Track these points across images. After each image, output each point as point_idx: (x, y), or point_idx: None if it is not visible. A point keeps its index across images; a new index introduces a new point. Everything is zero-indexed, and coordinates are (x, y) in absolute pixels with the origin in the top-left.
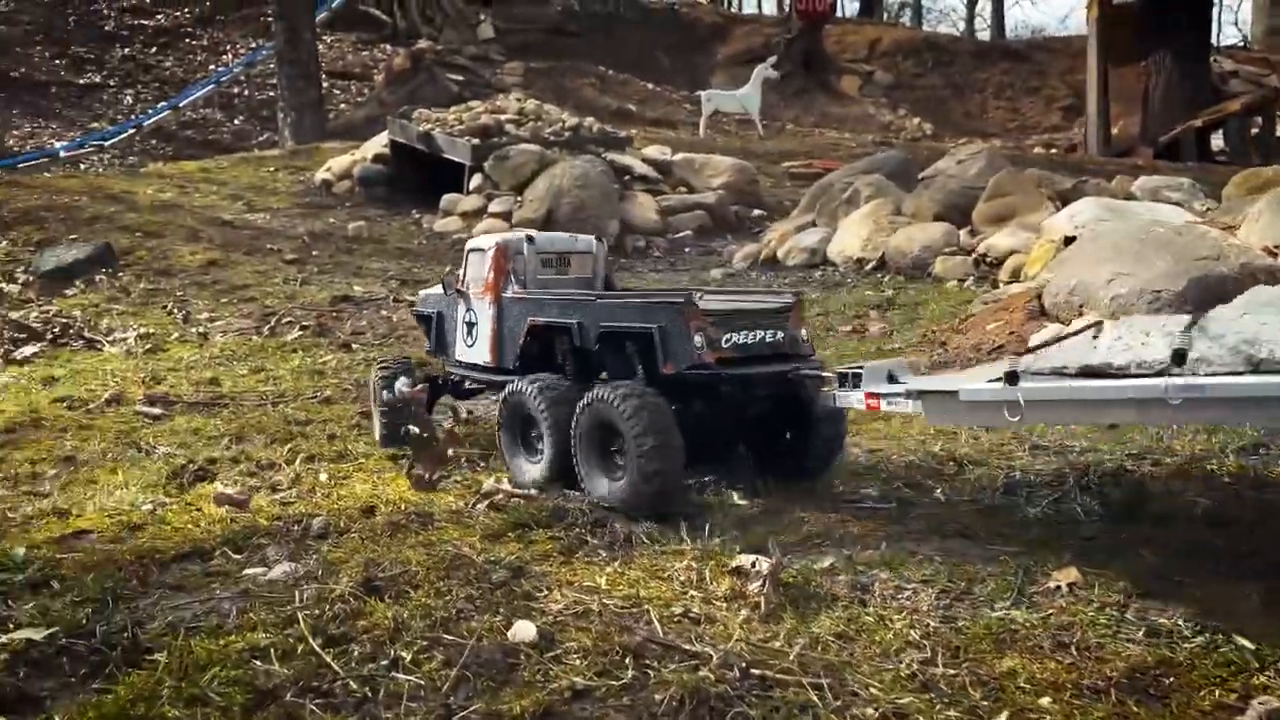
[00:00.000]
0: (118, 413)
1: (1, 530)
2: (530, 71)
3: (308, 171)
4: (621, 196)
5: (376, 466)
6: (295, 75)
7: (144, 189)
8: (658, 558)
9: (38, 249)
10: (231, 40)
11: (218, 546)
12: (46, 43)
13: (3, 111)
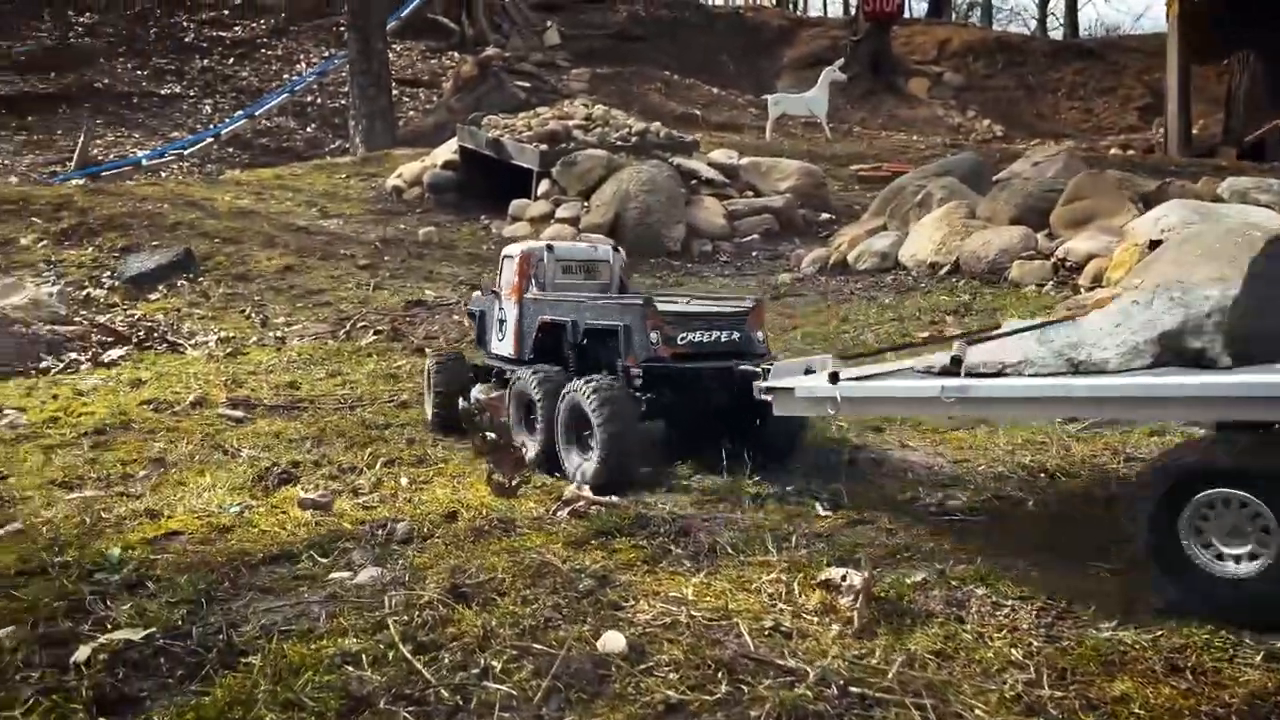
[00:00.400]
0: (202, 415)
1: (96, 530)
2: (596, 77)
3: (379, 178)
4: (688, 201)
5: (456, 471)
6: (367, 84)
7: (223, 196)
8: (743, 569)
9: (122, 255)
10: (305, 50)
11: (304, 550)
12: (129, 54)
13: (88, 121)
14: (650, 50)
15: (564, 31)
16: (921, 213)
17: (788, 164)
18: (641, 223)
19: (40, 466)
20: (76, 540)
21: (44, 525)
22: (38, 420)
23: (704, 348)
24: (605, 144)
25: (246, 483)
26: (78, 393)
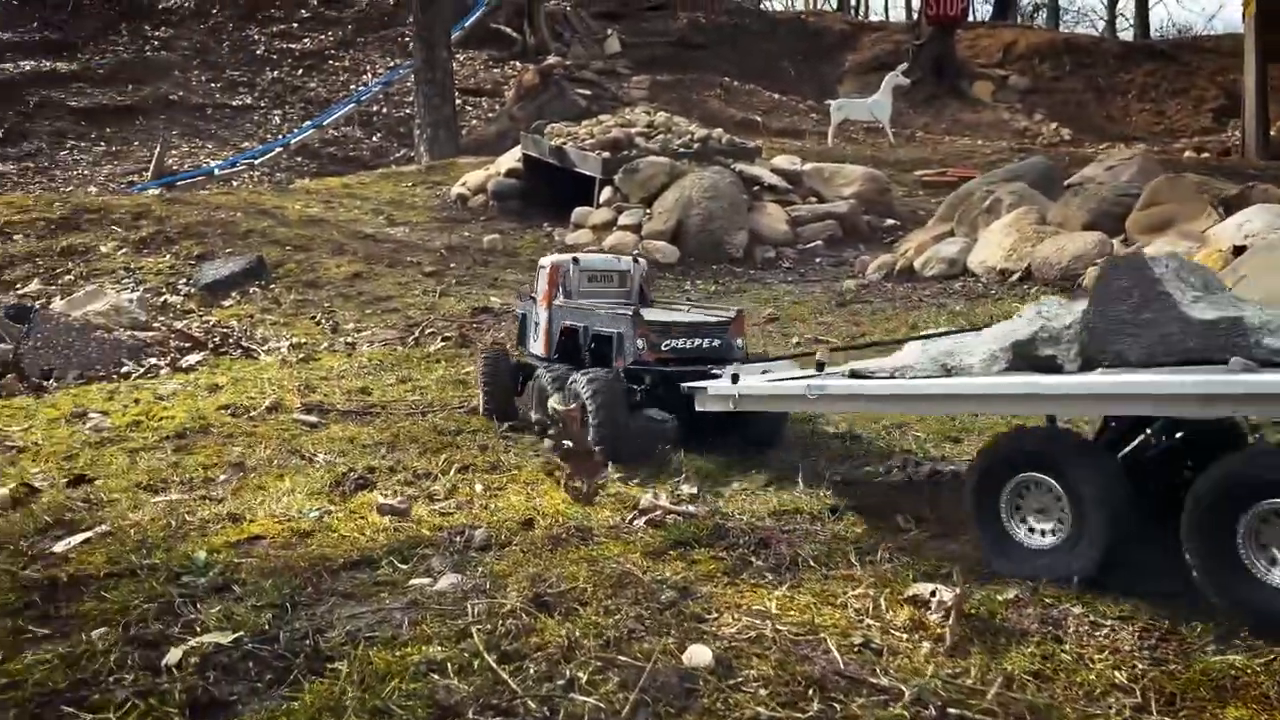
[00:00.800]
0: (278, 420)
1: (182, 533)
2: (656, 84)
3: (443, 186)
4: (750, 207)
5: (529, 478)
6: (432, 93)
7: (293, 204)
8: (827, 582)
9: (198, 262)
10: (370, 61)
11: (384, 556)
12: (203, 67)
13: (164, 132)
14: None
15: (625, 39)
16: (990, 219)
17: (851, 169)
18: (704, 229)
19: (126, 469)
20: (163, 543)
21: (131, 527)
22: (121, 424)
23: (685, 353)
24: (667, 151)
25: (324, 488)
26: (158, 397)
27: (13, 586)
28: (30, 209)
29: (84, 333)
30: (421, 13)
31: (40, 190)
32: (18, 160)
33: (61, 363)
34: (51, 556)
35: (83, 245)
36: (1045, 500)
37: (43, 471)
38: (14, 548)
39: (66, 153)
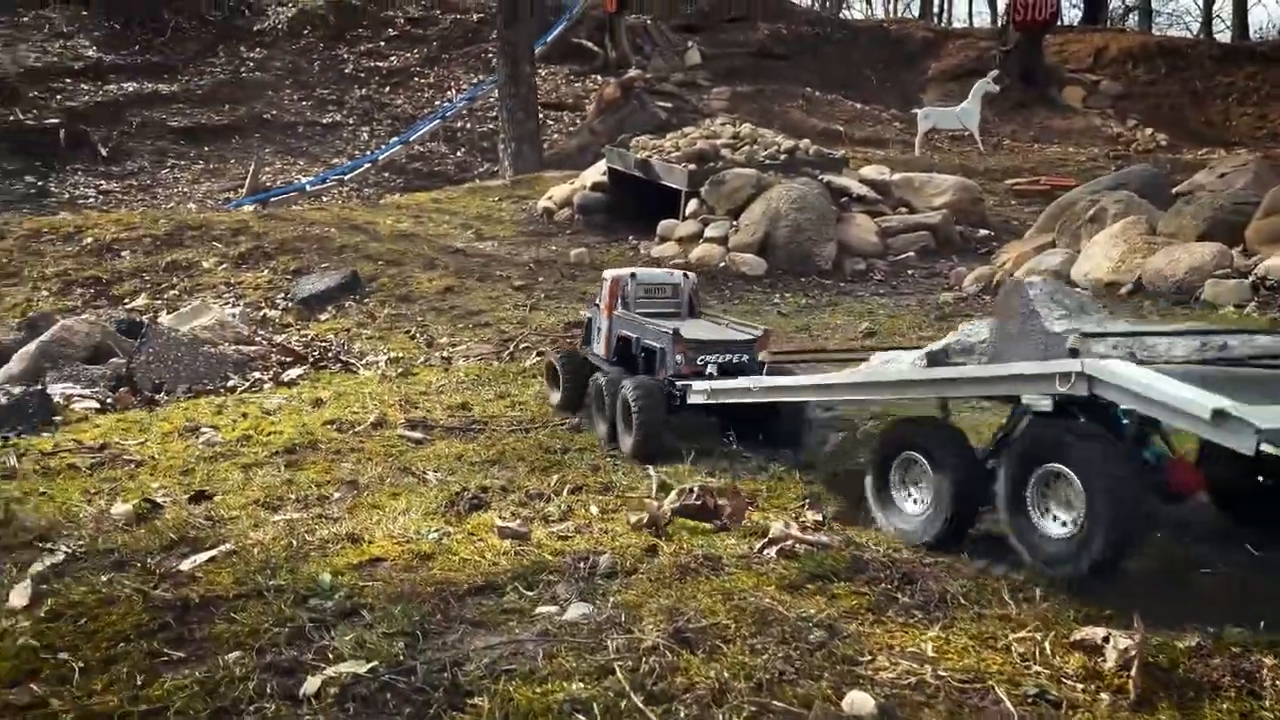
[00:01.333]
0: (383, 436)
1: (303, 553)
2: (736, 95)
3: (529, 200)
4: (839, 218)
5: (645, 497)
6: (516, 108)
7: (384, 219)
8: (982, 622)
9: (294, 277)
10: (455, 77)
11: (509, 581)
12: (295, 86)
13: (258, 150)
14: (791, 67)
15: (705, 51)
16: (1094, 229)
17: (942, 179)
18: (792, 241)
19: (241, 485)
20: (286, 563)
21: (254, 546)
22: (232, 438)
23: (718, 366)
24: (753, 162)
25: (439, 507)
26: (265, 411)
27: (145, 607)
28: (137, 226)
29: (192, 347)
30: (506, 29)
31: (143, 207)
32: (121, 179)
33: (171, 377)
34: (179, 575)
35: (186, 261)
36: (920, 475)
37: (162, 487)
38: (142, 565)
39: (167, 171)
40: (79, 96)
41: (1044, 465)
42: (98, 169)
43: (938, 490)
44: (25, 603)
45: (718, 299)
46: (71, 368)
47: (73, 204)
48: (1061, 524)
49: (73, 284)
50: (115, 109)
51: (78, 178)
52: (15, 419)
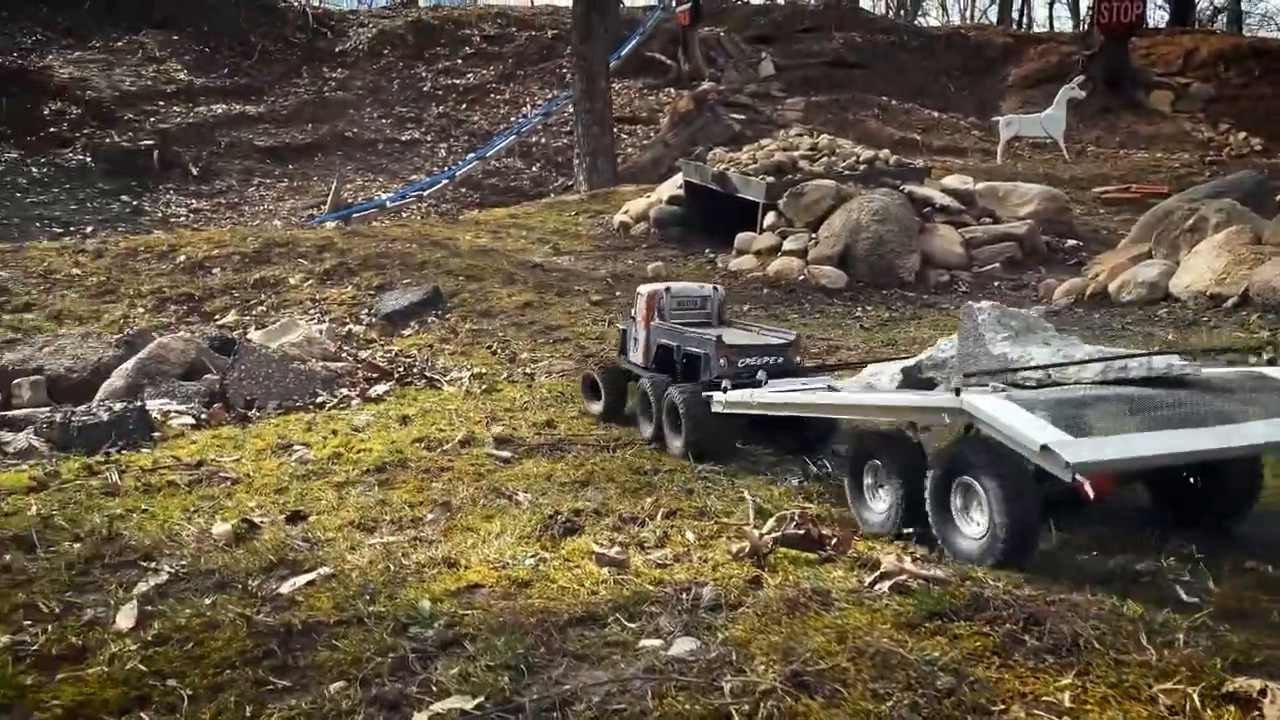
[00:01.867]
0: (471, 454)
1: (400, 578)
2: (810, 105)
3: (605, 215)
4: (921, 229)
5: (742, 524)
6: (591, 122)
7: (463, 235)
8: (1122, 670)
9: (377, 293)
10: (530, 93)
11: (610, 612)
12: (375, 105)
13: (340, 167)
14: (866, 76)
15: (778, 62)
16: (1194, 238)
17: (1027, 188)
18: (874, 253)
19: (335, 506)
20: (384, 588)
21: (352, 570)
22: (323, 456)
23: (754, 370)
24: (832, 174)
25: (533, 531)
26: (353, 428)
27: (249, 633)
28: (227, 244)
29: (282, 364)
30: (581, 44)
31: (230, 224)
32: (210, 197)
33: (262, 393)
34: (280, 599)
35: (273, 277)
36: (884, 478)
37: (259, 506)
38: (243, 587)
39: (253, 189)
40: (171, 118)
41: (961, 476)
42: (188, 188)
43: (894, 492)
44: (132, 624)
45: (797, 313)
46: (168, 384)
47: (165, 222)
48: (976, 525)
49: (167, 300)
50: (205, 130)
51: (170, 196)
52: (116, 435)
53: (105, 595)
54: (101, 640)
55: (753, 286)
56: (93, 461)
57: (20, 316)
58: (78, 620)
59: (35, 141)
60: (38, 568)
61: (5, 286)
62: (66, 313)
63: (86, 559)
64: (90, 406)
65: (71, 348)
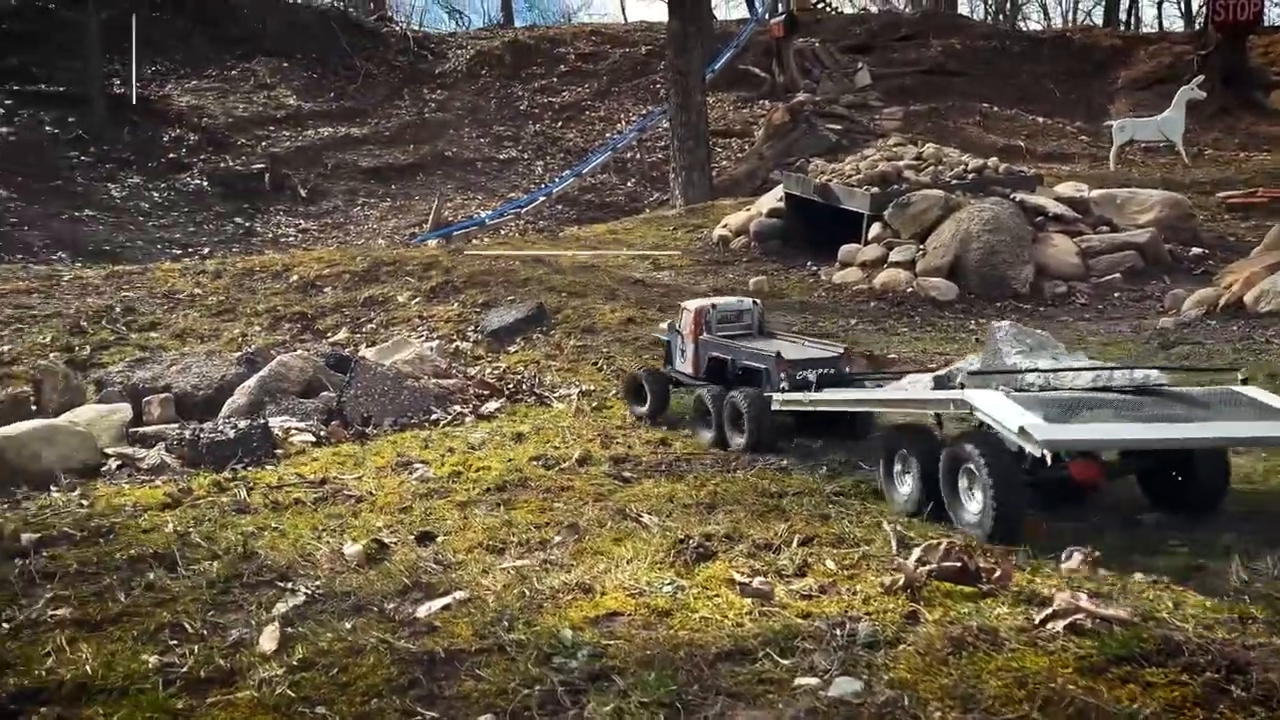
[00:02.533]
0: (589, 474)
1: (535, 604)
2: (909, 114)
3: (703, 229)
4: (1035, 239)
5: (883, 552)
6: (686, 136)
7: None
8: None
9: (482, 310)
10: (625, 109)
11: (759, 646)
12: (473, 124)
13: (440, 186)
14: (967, 83)
15: (875, 71)
16: None
17: (1147, 194)
18: (985, 264)
19: (461, 526)
20: (521, 614)
21: (488, 594)
22: (442, 474)
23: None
24: (939, 183)
25: (665, 557)
26: (470, 446)
27: (393, 660)
28: (337, 263)
29: (396, 381)
30: (676, 58)
31: (336, 244)
32: (318, 217)
33: (378, 410)
34: (418, 624)
35: (381, 296)
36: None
37: (387, 525)
38: (379, 610)
39: (358, 209)
40: (280, 142)
41: (965, 463)
42: (297, 209)
43: (915, 476)
44: (275, 646)
45: (907, 326)
46: (288, 401)
47: (275, 242)
48: (976, 503)
49: (281, 319)
50: (312, 152)
51: (280, 217)
52: (242, 451)
53: (246, 615)
54: (248, 663)
55: (858, 299)
56: (221, 478)
57: (147, 335)
58: (223, 641)
59: (156, 167)
60: (180, 586)
61: (132, 306)
62: (189, 331)
63: (226, 578)
64: (217, 424)
65: (197, 366)
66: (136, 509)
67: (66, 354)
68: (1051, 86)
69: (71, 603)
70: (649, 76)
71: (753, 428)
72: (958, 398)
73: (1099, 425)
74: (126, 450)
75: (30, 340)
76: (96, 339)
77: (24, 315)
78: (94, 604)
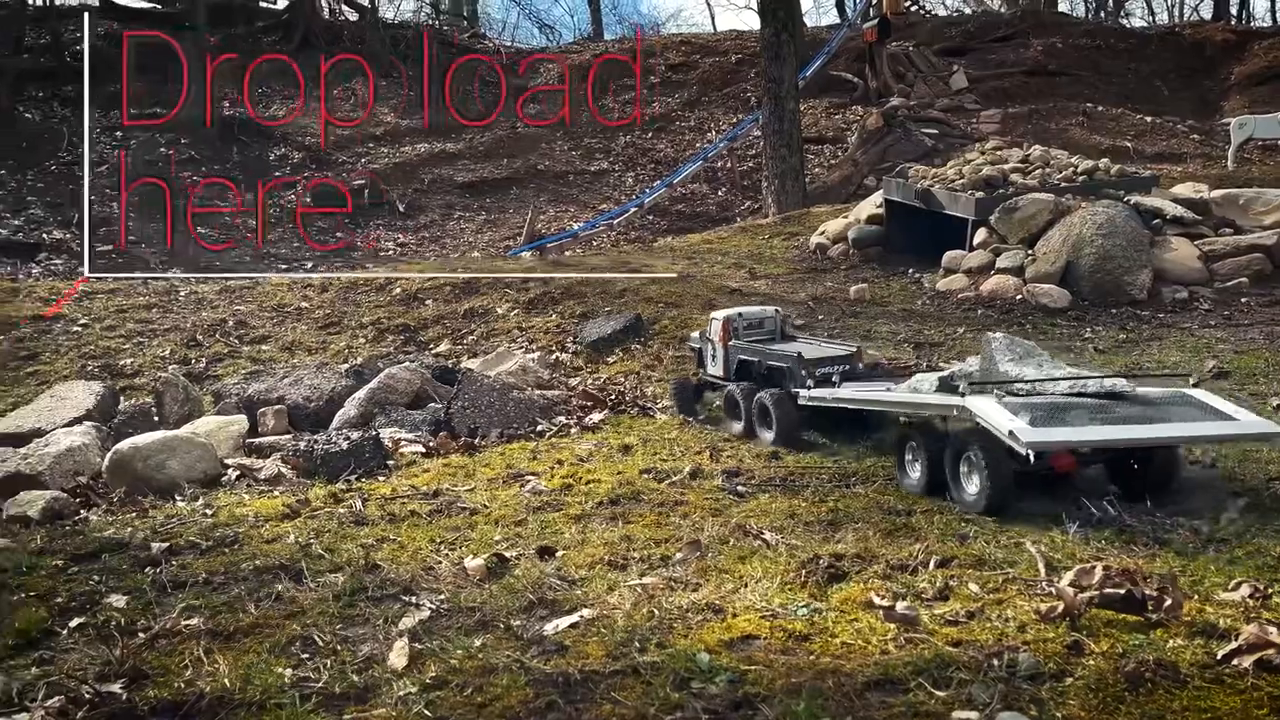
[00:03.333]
0: (702, 487)
1: (665, 624)
2: (1008, 116)
3: (799, 237)
4: (1152, 243)
5: (1028, 574)
6: (779, 144)
7: (659, 262)
8: None
9: (580, 321)
10: (715, 119)
11: (909, 676)
12: (564, 137)
13: (534, 199)
14: (1069, 83)
15: (971, 73)
16: None
17: (1274, 194)
18: (1099, 270)
19: (580, 541)
20: (652, 635)
21: (615, 613)
22: (554, 487)
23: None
24: (1047, 186)
25: (794, 577)
26: (578, 458)
27: (527, 680)
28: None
29: (502, 393)
30: (770, 65)
31: (434, 257)
32: (415, 231)
33: (485, 421)
34: (546, 642)
35: (481, 308)
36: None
37: (504, 538)
38: (505, 626)
39: (454, 223)
40: (379, 159)
41: (966, 451)
42: (395, 223)
43: (923, 464)
44: (405, 663)
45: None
46: (396, 412)
47: (375, 256)
48: (974, 485)
49: (385, 331)
50: (409, 169)
51: (379, 232)
52: (355, 463)
53: (374, 629)
54: (381, 679)
55: (965, 306)
56: (336, 489)
57: (258, 347)
58: (353, 656)
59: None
60: (307, 598)
61: (244, 320)
62: (297, 343)
63: (351, 591)
64: (330, 435)
65: (308, 378)
66: (258, 519)
67: (184, 366)
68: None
69: (203, 612)
70: (739, 85)
71: (780, 424)
72: (960, 404)
73: (1074, 428)
74: (245, 461)
75: (151, 353)
76: (211, 351)
77: (145, 329)
78: (225, 614)
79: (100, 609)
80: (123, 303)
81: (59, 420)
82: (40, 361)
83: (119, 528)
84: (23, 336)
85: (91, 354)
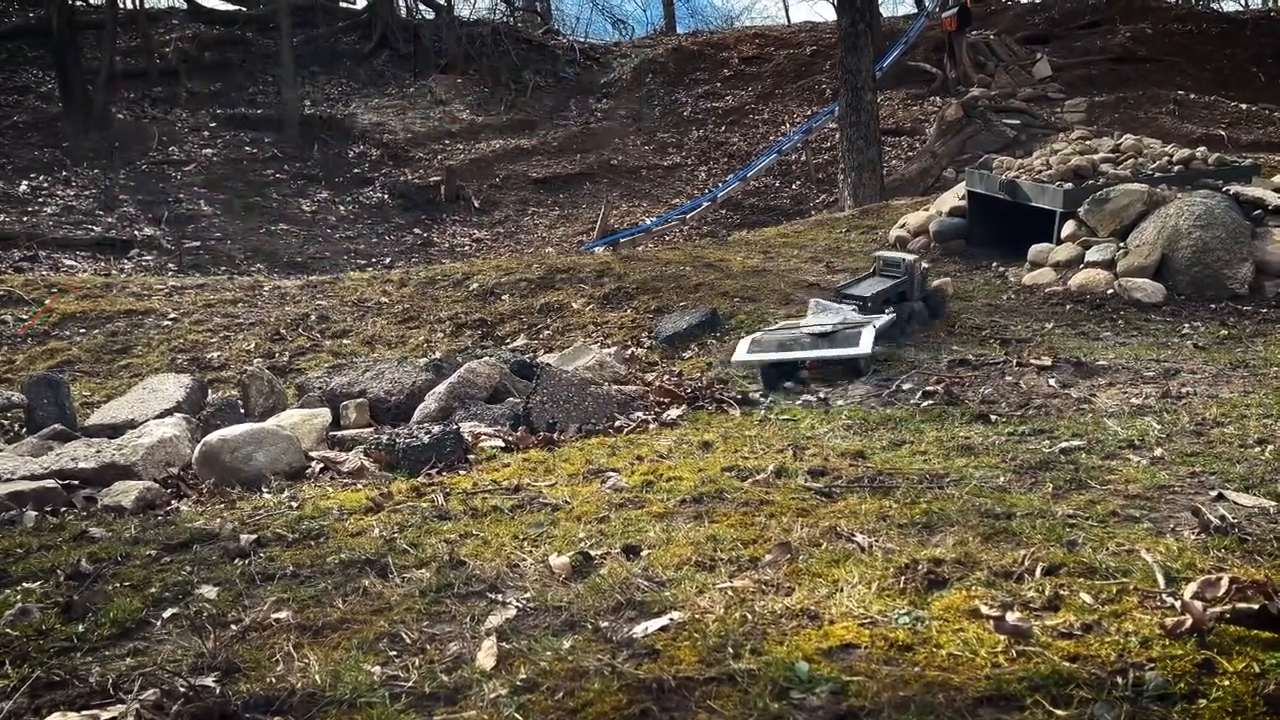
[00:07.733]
0: (787, 487)
1: (758, 629)
2: (1093, 105)
3: (877, 230)
4: (1254, 234)
5: (1144, 585)
6: (856, 136)
7: (734, 256)
8: None
9: (655, 316)
10: (789, 111)
11: (1025, 692)
12: (638, 132)
13: (606, 194)
14: (1158, 70)
15: (1055, 61)
16: None
17: None
18: (1197, 263)
19: (664, 540)
20: (746, 641)
21: (706, 616)
22: (635, 484)
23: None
24: (1140, 176)
25: (893, 583)
26: (658, 455)
27: (620, 686)
28: (514, 271)
29: (581, 388)
30: (846, 57)
31: (509, 252)
32: (490, 227)
33: (563, 416)
34: (635, 645)
35: (556, 302)
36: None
37: (588, 536)
38: (593, 627)
39: (528, 218)
40: (455, 155)
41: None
42: (471, 219)
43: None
44: (493, 663)
45: (1110, 330)
46: (476, 407)
47: (451, 251)
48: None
49: (462, 326)
50: (485, 165)
51: (455, 228)
52: (436, 457)
53: (460, 627)
54: (471, 680)
55: (1052, 302)
56: (418, 483)
57: (339, 341)
58: (441, 654)
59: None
60: (393, 593)
61: (326, 314)
62: (377, 337)
63: (438, 587)
64: (411, 429)
65: (389, 372)
66: (342, 512)
67: (268, 359)
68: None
69: (291, 606)
70: (814, 77)
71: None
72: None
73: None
74: (328, 453)
75: (236, 347)
76: (294, 345)
77: (231, 323)
78: (313, 608)
79: (192, 600)
80: (210, 297)
81: (151, 412)
82: (133, 354)
83: (209, 519)
84: (116, 330)
85: (181, 347)
